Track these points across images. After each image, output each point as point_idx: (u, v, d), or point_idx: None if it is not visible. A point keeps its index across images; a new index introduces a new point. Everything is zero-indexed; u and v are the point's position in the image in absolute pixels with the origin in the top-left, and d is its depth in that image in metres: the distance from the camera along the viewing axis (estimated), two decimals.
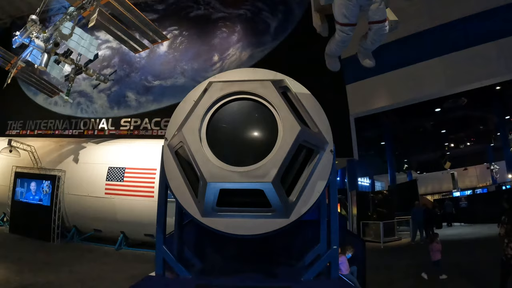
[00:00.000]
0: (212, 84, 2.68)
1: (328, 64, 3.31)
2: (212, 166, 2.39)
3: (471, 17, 13.16)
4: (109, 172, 13.71)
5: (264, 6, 16.86)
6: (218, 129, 2.56)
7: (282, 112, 2.45)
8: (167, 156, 2.70)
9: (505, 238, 6.61)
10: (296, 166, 2.52)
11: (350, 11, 2.76)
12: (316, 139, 2.54)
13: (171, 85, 16.21)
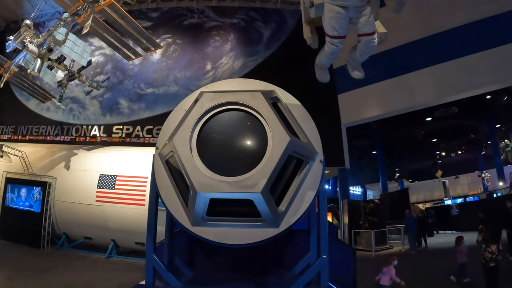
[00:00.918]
0: (203, 94, 2.70)
1: (318, 76, 3.36)
2: (202, 176, 2.41)
3: (461, 27, 13.39)
4: (100, 180, 13.64)
5: (258, 15, 17.12)
6: (208, 139, 2.57)
7: (272, 123, 2.48)
8: (158, 165, 2.71)
9: (482, 244, 7.60)
10: (285, 176, 2.55)
11: (340, 24, 2.81)
12: (306, 149, 2.57)
13: (164, 93, 16.24)
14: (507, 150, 24.85)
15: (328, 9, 2.79)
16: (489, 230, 7.84)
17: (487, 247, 7.41)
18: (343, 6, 2.78)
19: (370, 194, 35.44)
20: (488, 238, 7.59)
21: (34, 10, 13.66)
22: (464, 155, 29.59)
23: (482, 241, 7.82)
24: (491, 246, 7.35)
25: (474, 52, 12.97)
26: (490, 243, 7.43)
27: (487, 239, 7.60)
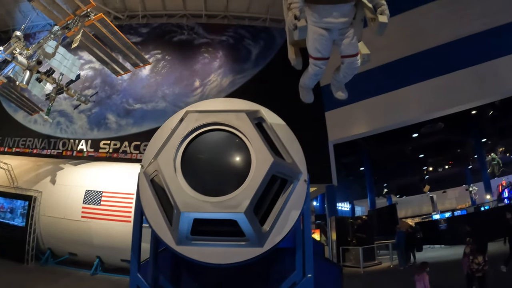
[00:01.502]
0: (188, 114, 2.72)
1: (302, 97, 3.40)
2: (186, 196, 2.41)
3: (446, 45, 13.71)
4: (86, 195, 13.45)
5: (247, 33, 17.40)
6: (192, 159, 2.58)
7: (256, 143, 2.50)
8: (143, 184, 2.71)
9: (470, 255, 8.09)
10: (270, 196, 2.56)
11: (323, 46, 2.87)
12: (290, 169, 2.59)
13: (152, 109, 16.25)
14: (493, 164, 25.24)
15: (311, 31, 2.85)
16: (475, 242, 8.38)
17: (474, 259, 7.93)
18: (327, 28, 2.85)
19: (358, 210, 35.54)
20: (475, 250, 8.09)
21: (25, 20, 13.67)
22: (451, 169, 29.96)
23: (469, 253, 8.27)
24: (477, 257, 7.87)
25: (459, 68, 13.24)
26: (477, 254, 7.93)
27: (474, 251, 8.10)
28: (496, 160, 25.27)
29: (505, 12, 12.61)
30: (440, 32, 13.86)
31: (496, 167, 25.07)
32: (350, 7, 2.87)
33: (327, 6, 2.80)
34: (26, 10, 16.79)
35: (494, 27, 12.79)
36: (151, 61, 15.99)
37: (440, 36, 13.81)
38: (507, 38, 12.43)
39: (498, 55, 12.58)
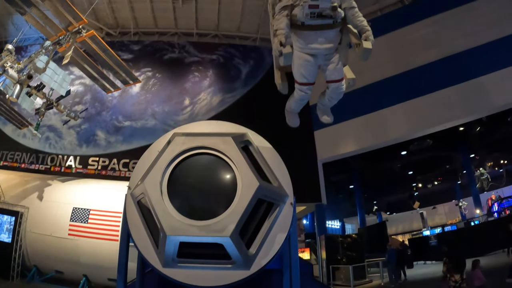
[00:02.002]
0: (176, 137, 2.74)
1: (288, 120, 3.45)
2: (172, 219, 2.42)
3: (432, 63, 13.99)
4: (74, 213, 13.25)
5: (237, 52, 17.63)
6: (179, 183, 2.60)
7: (242, 167, 2.53)
8: (130, 206, 2.71)
9: (447, 273, 8.33)
10: (256, 219, 2.57)
11: (309, 71, 2.93)
12: (276, 193, 2.61)
13: (142, 126, 16.22)
14: (482, 179, 25.50)
15: (297, 56, 2.92)
16: (452, 261, 8.49)
17: (451, 277, 8.15)
18: (312, 54, 2.92)
19: (348, 227, 35.48)
20: (452, 269, 8.29)
21: (18, 33, 13.66)
22: (440, 185, 30.17)
23: (446, 272, 8.49)
24: (454, 275, 8.09)
25: (446, 86, 13.46)
26: (453, 273, 8.16)
27: (451, 269, 8.31)
28: (485, 175, 25.57)
29: (488, 30, 12.97)
30: (426, 51, 14.17)
31: (485, 182, 25.35)
32: (335, 33, 2.95)
33: (312, 32, 2.88)
34: (19, 22, 16.77)
35: (478, 45, 13.13)
36: (142, 79, 16.10)
37: (426, 55, 14.11)
38: (490, 56, 12.75)
39: (482, 73, 12.86)
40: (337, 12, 2.84)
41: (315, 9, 2.79)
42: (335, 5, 2.81)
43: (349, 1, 2.96)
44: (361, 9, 10.64)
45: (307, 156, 15.05)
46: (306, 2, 2.77)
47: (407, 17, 15.25)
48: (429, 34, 14.31)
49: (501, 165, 26.21)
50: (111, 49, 11.54)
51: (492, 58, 12.72)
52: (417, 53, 14.33)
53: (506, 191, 25.48)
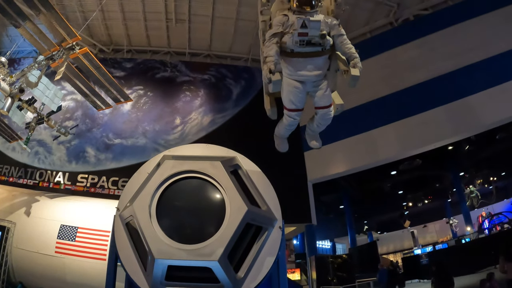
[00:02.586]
0: (165, 160, 2.76)
1: (277, 145, 3.49)
2: (161, 243, 2.42)
3: (421, 84, 14.21)
4: (61, 230, 12.97)
5: (228, 72, 17.78)
6: (167, 206, 2.60)
7: (230, 192, 2.55)
8: (118, 227, 2.70)
9: None
10: (244, 243, 2.58)
11: (298, 98, 2.99)
12: (265, 217, 2.63)
13: (132, 144, 16.12)
14: (472, 197, 25.69)
15: (286, 83, 2.98)
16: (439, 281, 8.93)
17: None
18: (301, 80, 2.98)
19: (339, 247, 35.24)
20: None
21: (11, 44, 13.62)
22: (430, 204, 30.26)
23: None
24: None
25: (435, 106, 13.64)
26: None
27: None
28: (475, 192, 25.78)
29: (474, 51, 13.28)
30: (415, 72, 14.40)
31: (475, 199, 25.55)
32: (324, 60, 3.02)
33: (301, 60, 2.94)
34: (13, 34, 16.76)
35: (465, 66, 13.43)
36: (133, 97, 16.08)
37: (415, 76, 14.35)
38: (477, 76, 13.01)
39: (470, 93, 13.09)
40: (326, 40, 2.91)
41: (304, 37, 2.86)
42: (324, 33, 2.88)
43: (338, 29, 3.04)
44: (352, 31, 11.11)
45: (297, 177, 15.09)
46: (295, 30, 2.85)
47: (396, 38, 15.59)
48: (417, 55, 14.61)
49: (490, 181, 26.48)
50: (103, 66, 11.56)
51: (479, 78, 12.99)
52: (406, 74, 14.60)
53: (497, 208, 25.67)
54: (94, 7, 15.38)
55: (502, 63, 12.87)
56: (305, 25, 2.81)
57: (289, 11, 3.04)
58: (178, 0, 15.90)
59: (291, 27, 2.91)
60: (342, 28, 3.07)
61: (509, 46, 12.95)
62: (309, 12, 2.94)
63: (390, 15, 16.29)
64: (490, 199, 26.17)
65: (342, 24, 3.14)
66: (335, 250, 34.00)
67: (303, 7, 2.94)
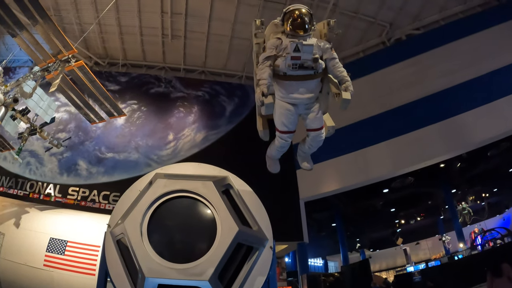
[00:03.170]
0: (157, 179, 2.77)
1: (269, 166, 3.53)
2: (151, 262, 2.42)
3: (413, 102, 14.42)
4: (50, 243, 12.78)
5: (222, 89, 17.89)
6: (159, 225, 2.61)
7: (222, 212, 2.57)
8: (109, 244, 2.70)
9: None
10: (235, 263, 2.59)
11: (290, 120, 3.04)
12: (256, 237, 2.65)
13: (124, 159, 16.01)
14: (464, 213, 25.74)
15: (279, 105, 3.03)
16: None
17: None
18: (293, 103, 3.03)
19: (331, 265, 34.95)
20: None
21: (8, 53, 13.56)
22: (423, 221, 30.26)
23: None
24: None
25: (426, 125, 13.80)
26: None
27: None
28: (467, 209, 25.84)
29: (465, 70, 13.59)
30: (407, 91, 14.61)
31: (467, 216, 25.57)
32: (316, 83, 3.08)
33: (294, 83, 3.00)
34: (10, 43, 16.70)
35: (456, 84, 13.69)
36: (127, 111, 16.08)
37: (407, 94, 14.55)
38: (468, 94, 13.29)
39: (461, 111, 13.32)
40: (318, 63, 2.97)
41: (297, 61, 2.92)
42: (317, 57, 2.95)
43: (330, 52, 3.11)
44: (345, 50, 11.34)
45: (289, 195, 15.08)
46: (288, 53, 2.91)
47: (388, 58, 15.87)
48: (409, 74, 14.85)
49: (482, 198, 26.60)
50: (98, 79, 11.58)
51: (470, 96, 13.26)
52: (398, 92, 14.81)
53: (489, 224, 25.73)
54: (91, 19, 15.51)
55: (492, 81, 13.16)
56: (298, 49, 2.87)
57: (283, 34, 3.10)
58: (174, 16, 16.11)
59: (284, 50, 2.97)
60: (334, 51, 3.14)
61: (498, 64, 13.30)
62: (302, 35, 3.00)
63: (383, 35, 16.64)
64: (482, 215, 26.24)
65: (335, 43, 3.22)
66: (327, 268, 33.70)
67: (296, 30, 3.01)
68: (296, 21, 3.00)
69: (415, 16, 16.08)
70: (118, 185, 14.58)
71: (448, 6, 15.63)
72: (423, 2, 15.54)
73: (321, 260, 34.24)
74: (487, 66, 13.39)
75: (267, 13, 14.92)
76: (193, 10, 15.88)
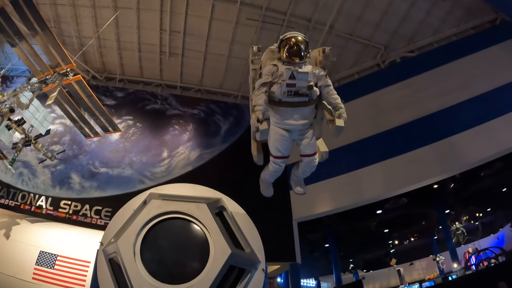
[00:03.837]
0: (152, 199, 2.81)
1: (262, 190, 3.57)
2: (144, 282, 2.44)
3: (406, 124, 14.57)
4: (40, 256, 12.55)
5: (218, 108, 17.97)
6: (152, 246, 2.64)
7: (215, 235, 2.61)
8: (101, 262, 2.71)
9: None
10: (227, 285, 2.61)
11: (284, 146, 3.10)
12: (248, 259, 2.68)
13: (117, 174, 15.92)
14: (458, 234, 25.70)
15: (273, 131, 3.09)
16: None
17: None
18: (287, 129, 3.10)
19: (324, 286, 34.54)
20: None
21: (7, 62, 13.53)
22: (417, 241, 30.12)
23: None
24: None
25: (420, 146, 13.90)
26: None
27: None
28: (460, 229, 25.83)
29: (458, 91, 13.82)
30: (401, 112, 14.76)
31: (461, 236, 25.53)
32: (310, 109, 3.16)
33: (289, 109, 3.07)
34: (9, 52, 16.65)
35: (449, 106, 13.87)
36: (123, 127, 16.00)
37: (401, 116, 14.70)
38: (461, 116, 13.46)
39: (454, 132, 13.46)
40: (313, 90, 3.06)
41: (292, 88, 3.00)
42: (311, 84, 3.03)
43: (325, 80, 3.20)
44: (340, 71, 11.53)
45: (283, 215, 15.03)
46: (284, 80, 3.00)
47: (383, 80, 16.06)
48: (403, 96, 15.02)
49: (476, 218, 26.61)
50: (95, 93, 11.60)
51: (463, 117, 13.42)
52: (392, 114, 14.96)
53: (483, 243, 25.71)
54: (91, 33, 15.65)
55: (485, 103, 13.37)
56: (293, 76, 2.95)
57: (279, 61, 3.19)
58: (173, 34, 16.29)
59: (280, 77, 3.05)
60: (329, 78, 3.23)
61: (491, 86, 13.55)
62: (298, 63, 3.09)
63: (378, 57, 16.88)
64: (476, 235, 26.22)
65: (331, 64, 3.31)
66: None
67: (292, 58, 3.10)
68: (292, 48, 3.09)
69: (409, 38, 16.38)
70: (110, 200, 14.45)
71: (442, 29, 15.96)
72: (417, 25, 15.88)
73: (314, 281, 33.86)
74: (480, 88, 13.64)
75: (264, 33, 15.19)
76: (191, 29, 16.11)
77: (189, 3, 14.97)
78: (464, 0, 13.49)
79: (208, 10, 15.12)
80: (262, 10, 14.69)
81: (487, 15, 15.32)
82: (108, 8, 15.12)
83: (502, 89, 13.41)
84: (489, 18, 15.39)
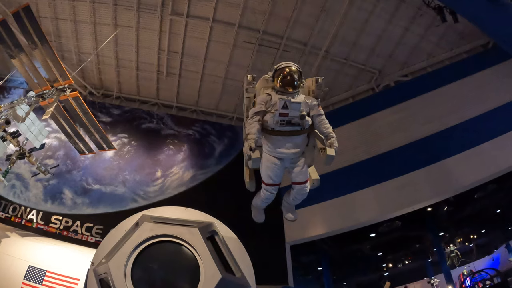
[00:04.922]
0: (144, 222, 2.85)
1: (254, 216, 3.63)
2: None
3: (400, 148, 14.73)
4: (29, 271, 12.35)
5: (213, 129, 18.17)
6: (143, 269, 2.66)
7: (206, 259, 2.65)
8: (91, 282, 2.72)
9: None
10: None
11: (275, 173, 3.17)
12: (238, 284, 2.71)
13: (110, 192, 15.89)
14: (452, 256, 25.58)
15: (265, 159, 3.17)
16: None
17: None
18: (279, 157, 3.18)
19: None
20: None
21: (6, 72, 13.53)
22: (411, 264, 29.87)
23: None
24: None
25: (414, 169, 14.00)
26: None
27: None
28: (454, 252, 25.71)
29: (451, 115, 14.03)
30: (395, 136, 14.93)
31: (455, 258, 25.33)
32: (302, 138, 3.25)
33: (281, 138, 3.16)
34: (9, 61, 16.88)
35: (443, 129, 14.07)
36: (117, 144, 16.12)
37: (395, 140, 14.86)
38: (455, 139, 13.64)
39: (448, 155, 13.61)
40: (305, 120, 3.15)
41: (285, 117, 3.10)
42: (304, 114, 3.13)
43: (317, 109, 3.30)
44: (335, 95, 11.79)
45: (275, 238, 15.03)
46: (277, 110, 3.10)
47: (377, 103, 16.28)
48: (397, 120, 15.23)
49: (470, 239, 26.52)
50: (91, 109, 11.69)
51: (456, 140, 13.59)
52: (386, 138, 15.12)
53: (478, 265, 25.55)
54: (90, 50, 15.85)
55: (477, 126, 13.54)
56: (286, 106, 3.05)
57: (272, 90, 3.29)
58: (171, 54, 16.51)
59: (273, 106, 3.15)
60: (321, 108, 3.33)
61: (484, 109, 13.76)
62: (291, 92, 3.20)
63: (372, 81, 17.17)
64: (470, 257, 26.04)
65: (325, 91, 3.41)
66: None
67: (286, 87, 3.21)
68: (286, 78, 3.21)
69: (403, 63, 16.71)
70: (102, 218, 14.42)
71: (435, 53, 16.28)
72: (411, 50, 16.20)
73: None
74: (472, 111, 13.85)
75: (261, 56, 15.43)
76: (189, 50, 16.33)
77: (188, 24, 15.25)
78: (457, 25, 13.80)
79: (206, 32, 15.40)
80: (259, 33, 15.00)
81: (480, 39, 15.61)
82: (108, 25, 15.36)
83: (494, 112, 13.63)
84: (481, 42, 15.71)
